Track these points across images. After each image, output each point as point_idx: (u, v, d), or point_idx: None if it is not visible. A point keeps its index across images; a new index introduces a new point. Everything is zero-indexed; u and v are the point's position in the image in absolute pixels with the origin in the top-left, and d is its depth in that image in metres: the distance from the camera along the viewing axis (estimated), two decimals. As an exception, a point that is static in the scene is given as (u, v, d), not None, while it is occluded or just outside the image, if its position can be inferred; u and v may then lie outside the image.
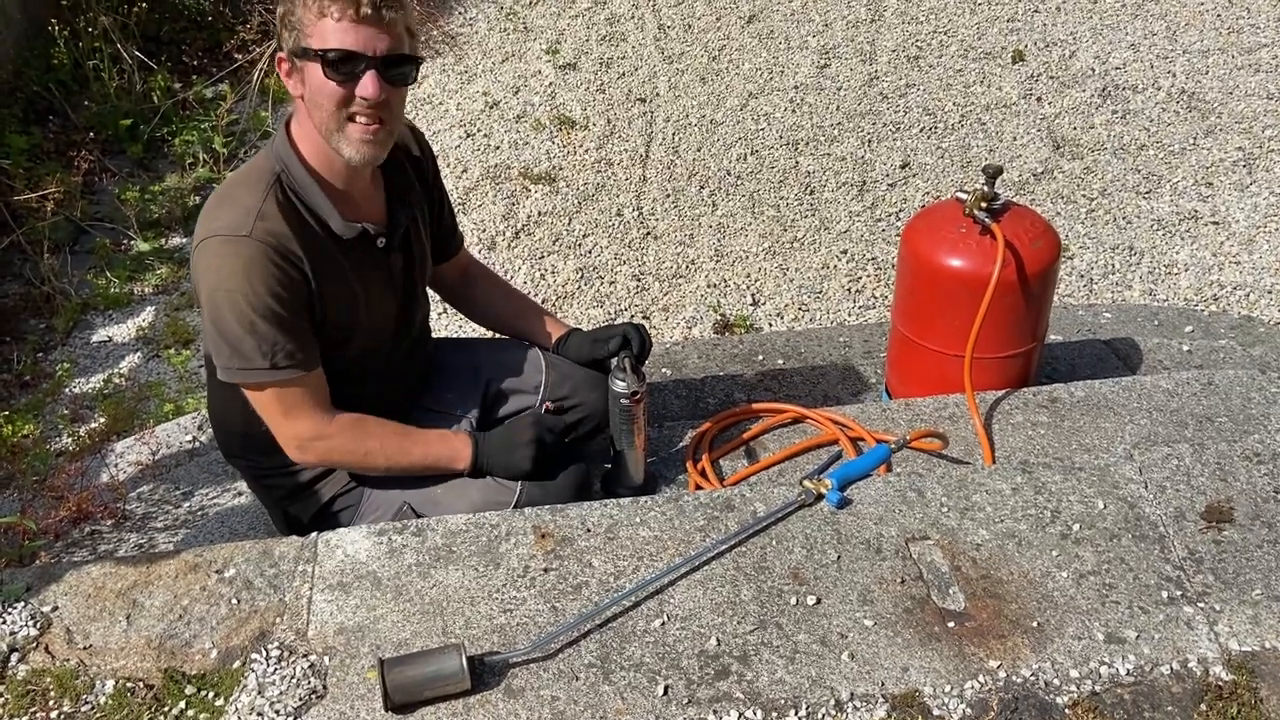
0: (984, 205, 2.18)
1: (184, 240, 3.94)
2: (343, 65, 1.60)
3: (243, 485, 2.38)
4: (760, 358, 2.84)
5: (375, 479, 1.87)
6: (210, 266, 1.63)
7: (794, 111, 4.51)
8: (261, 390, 1.70)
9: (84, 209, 3.96)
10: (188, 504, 2.35)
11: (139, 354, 3.41)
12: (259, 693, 1.49)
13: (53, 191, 3.71)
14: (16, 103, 4.29)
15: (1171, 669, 1.51)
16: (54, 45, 4.33)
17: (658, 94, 4.70)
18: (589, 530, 1.73)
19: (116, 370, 3.30)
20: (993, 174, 2.19)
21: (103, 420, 3.04)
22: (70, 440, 2.93)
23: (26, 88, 4.35)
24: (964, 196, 2.22)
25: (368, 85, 1.61)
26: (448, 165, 4.19)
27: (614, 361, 1.96)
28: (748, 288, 3.56)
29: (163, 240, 3.92)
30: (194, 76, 4.72)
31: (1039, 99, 4.53)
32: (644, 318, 3.43)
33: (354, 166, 1.69)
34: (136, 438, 2.74)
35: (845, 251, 3.70)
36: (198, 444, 2.64)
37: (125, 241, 3.88)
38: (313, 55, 1.61)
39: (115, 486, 2.33)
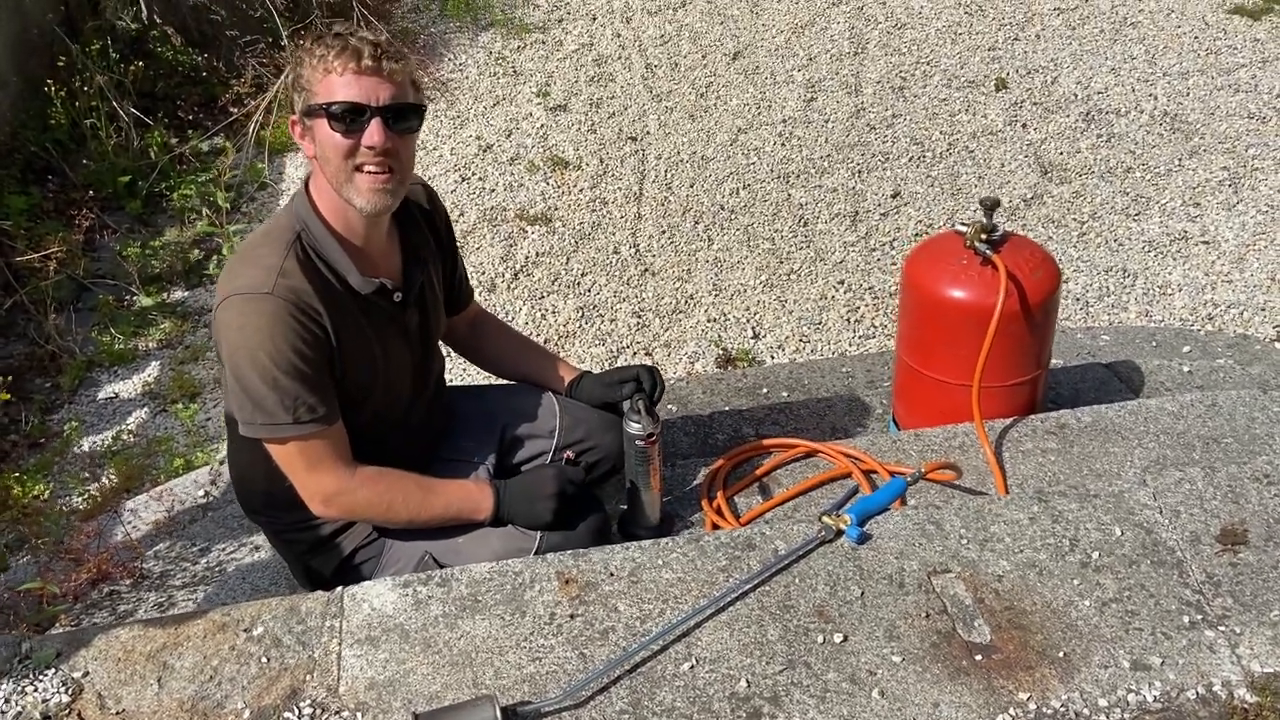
0: (984, 237, 2.22)
1: (186, 294, 3.96)
2: (347, 116, 1.65)
3: (259, 540, 2.38)
4: (765, 391, 2.86)
5: (396, 530, 1.88)
6: (233, 324, 1.65)
7: (783, 145, 4.57)
8: (285, 445, 1.71)
9: (85, 266, 3.97)
10: (205, 560, 2.35)
11: (146, 409, 3.41)
12: (294, 752, 1.49)
13: (55, 251, 3.73)
14: (14, 163, 4.32)
15: (1197, 693, 1.53)
16: (51, 105, 4.37)
17: (648, 132, 4.75)
18: (612, 574, 1.74)
19: (124, 426, 3.31)
20: (990, 206, 2.23)
21: (113, 477, 3.05)
22: (81, 500, 2.93)
23: (24, 148, 4.38)
24: (963, 229, 2.26)
25: (373, 134, 1.65)
26: (445, 210, 4.23)
27: (628, 404, 1.99)
28: (748, 321, 3.59)
29: (165, 295, 3.94)
30: (189, 131, 4.76)
31: (1024, 125, 4.60)
32: (646, 354, 3.46)
33: (369, 219, 1.72)
34: (149, 494, 2.74)
35: (842, 282, 3.74)
36: (210, 499, 2.65)
37: (127, 297, 3.90)
38: (319, 111, 1.66)
39: (133, 545, 2.34)
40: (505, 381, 2.20)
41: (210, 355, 3.66)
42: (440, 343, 2.11)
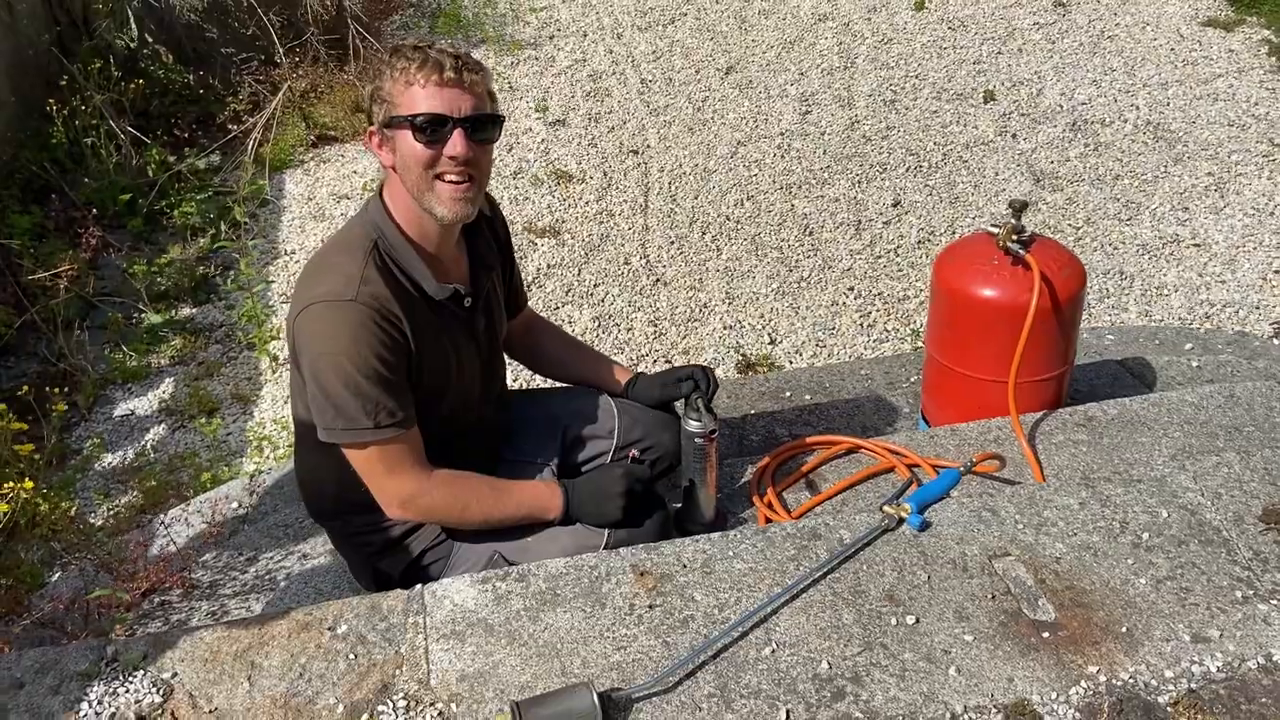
0: (1015, 238, 2.30)
1: (194, 311, 3.97)
2: (430, 128, 1.69)
3: (306, 546, 2.40)
4: (788, 394, 2.93)
5: (464, 532, 1.92)
6: (315, 332, 1.68)
7: (783, 157, 4.67)
8: (365, 450, 1.74)
9: (93, 285, 3.96)
10: (254, 569, 2.37)
11: (164, 425, 3.41)
12: (394, 743, 1.52)
13: (66, 269, 3.72)
14: (15, 183, 4.30)
15: (1258, 663, 1.61)
16: (51, 124, 4.36)
17: (648, 145, 4.83)
18: (685, 566, 1.79)
19: (144, 443, 3.31)
20: (1019, 208, 2.32)
21: (138, 494, 3.04)
22: (110, 515, 2.92)
23: (24, 168, 4.36)
24: (995, 230, 2.34)
25: (456, 144, 1.70)
26: (453, 224, 4.27)
27: (685, 402, 2.04)
28: (763, 328, 3.66)
29: (173, 312, 3.94)
30: (186, 149, 4.76)
31: (1014, 135, 4.73)
32: (666, 361, 3.52)
33: (446, 226, 1.77)
34: (182, 508, 2.75)
35: (852, 288, 3.82)
36: (248, 509, 2.66)
37: (136, 314, 3.90)
38: (402, 122, 1.70)
39: (183, 554, 2.35)
40: (563, 385, 2.24)
41: (225, 371, 3.67)
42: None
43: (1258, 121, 4.71)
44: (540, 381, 2.36)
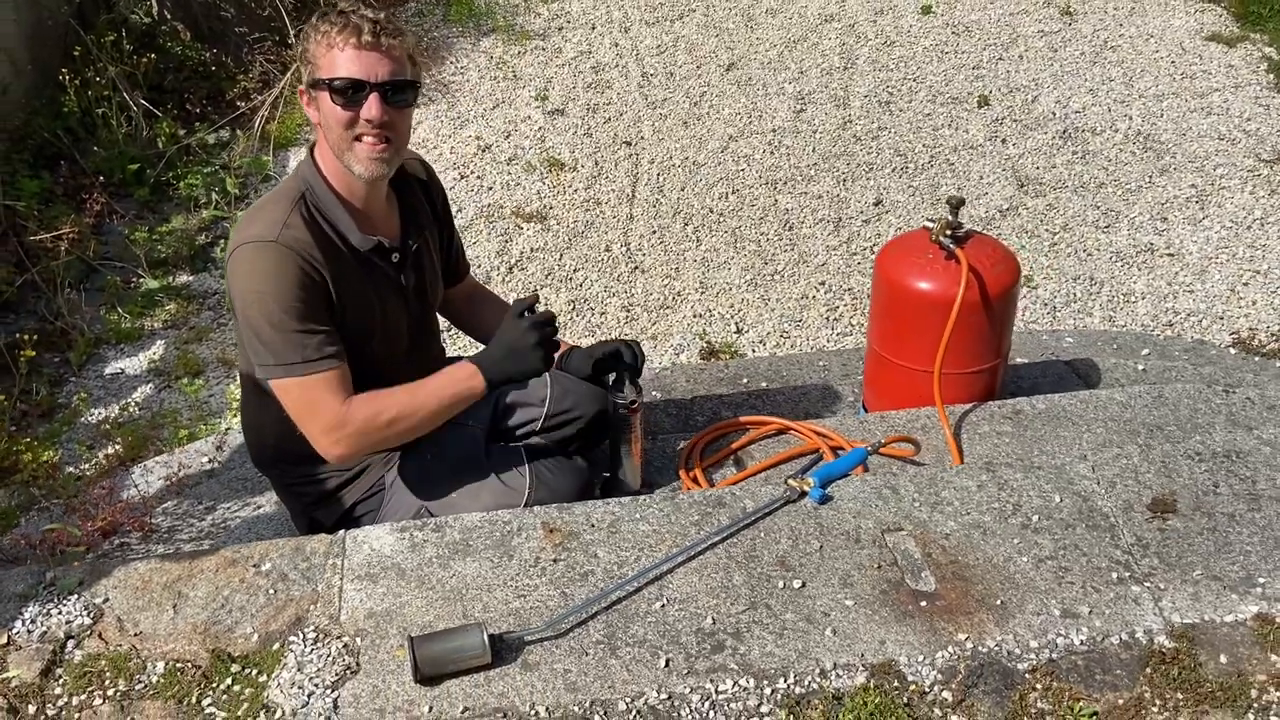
0: (948, 233, 2.38)
1: (191, 278, 4.11)
2: (348, 91, 1.79)
3: (261, 499, 2.53)
4: (745, 380, 3.02)
5: (395, 484, 2.03)
6: (241, 272, 1.80)
7: (772, 153, 4.75)
8: (293, 384, 1.83)
9: (95, 249, 4.12)
10: (211, 518, 2.50)
11: (151, 385, 3.56)
12: (298, 669, 1.64)
13: (67, 232, 3.87)
14: (27, 148, 4.47)
15: (1120, 639, 1.69)
16: (64, 94, 4.52)
17: (642, 137, 4.93)
18: (593, 525, 1.90)
19: (130, 400, 3.45)
20: (955, 204, 2.40)
21: (119, 447, 3.18)
22: (90, 466, 3.06)
23: (37, 134, 4.53)
24: (930, 225, 2.43)
25: (371, 108, 1.80)
26: (444, 205, 4.39)
27: (613, 375, 2.14)
28: (731, 317, 3.76)
29: (171, 278, 4.08)
30: (197, 124, 4.91)
31: (1003, 140, 4.79)
32: (634, 346, 3.61)
33: (366, 182, 1.87)
34: (156, 460, 2.89)
35: (823, 283, 3.91)
36: (215, 464, 2.79)
37: (134, 279, 4.04)
38: (323, 85, 1.81)
39: (145, 501, 2.48)
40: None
41: (214, 336, 3.81)
42: (438, 314, 2.27)
43: (1247, 136, 4.74)
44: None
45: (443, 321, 2.34)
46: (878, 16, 5.99)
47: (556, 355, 2.26)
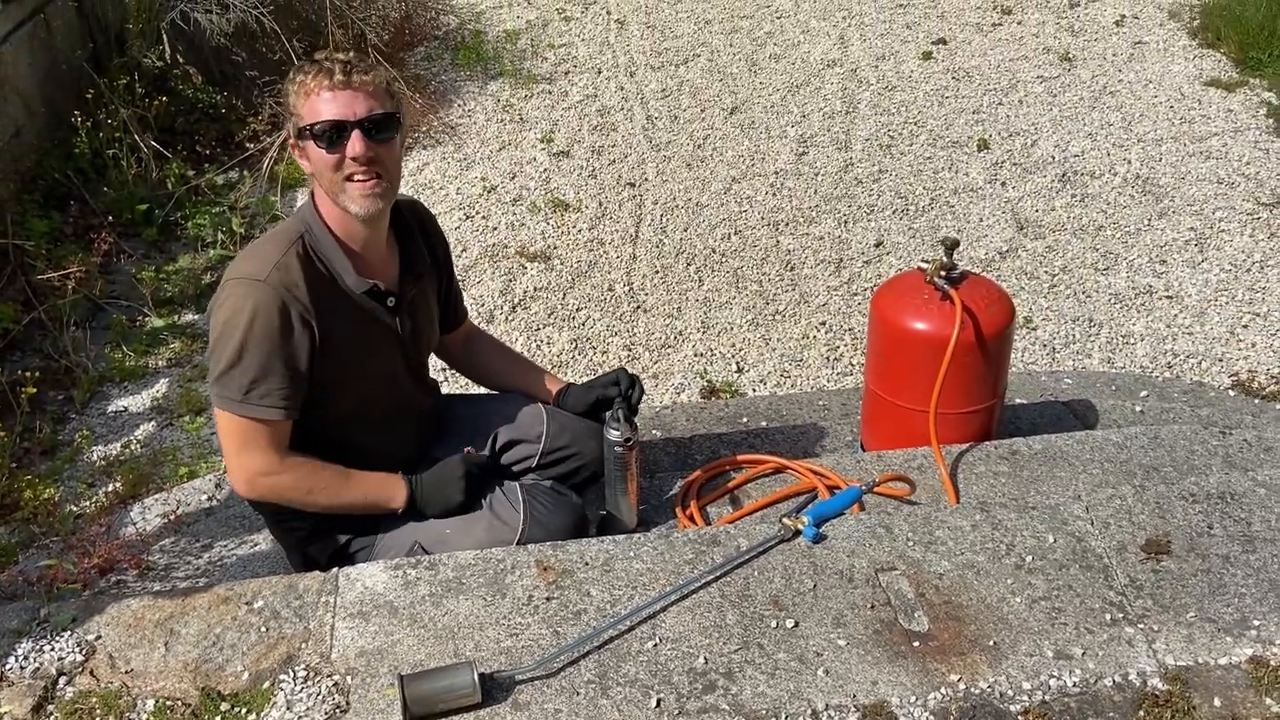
0: (943, 274, 2.40)
1: (196, 317, 4.14)
2: (330, 134, 1.82)
3: (258, 537, 2.53)
4: (744, 419, 3.03)
5: (389, 521, 2.04)
6: (223, 304, 1.84)
7: (774, 195, 4.79)
8: (228, 418, 1.87)
9: (102, 288, 4.16)
10: (207, 555, 2.50)
11: (153, 423, 3.57)
12: (288, 708, 1.63)
13: (74, 271, 3.92)
14: (38, 189, 4.53)
15: (1114, 681, 1.68)
16: (76, 136, 4.59)
17: (646, 179, 4.98)
18: (587, 563, 1.90)
19: (133, 438, 3.47)
20: (950, 246, 2.42)
21: (120, 484, 3.20)
22: (90, 503, 3.07)
23: (48, 175, 4.60)
24: (925, 266, 2.45)
25: (355, 145, 1.83)
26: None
27: (609, 413, 2.15)
28: (732, 356, 3.77)
29: (176, 317, 4.12)
30: (207, 165, 4.99)
31: (1003, 184, 4.82)
32: (634, 386, 3.62)
33: (368, 224, 1.91)
34: (155, 498, 2.90)
35: (824, 323, 3.92)
36: (214, 502, 2.80)
37: (140, 318, 4.08)
38: (307, 133, 1.84)
39: (142, 538, 2.48)
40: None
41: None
42: (436, 357, 2.30)
43: (1246, 180, 4.77)
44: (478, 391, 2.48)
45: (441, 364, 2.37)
46: (879, 62, 6.07)
47: (555, 390, 2.29)
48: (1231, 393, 3.37)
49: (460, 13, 6.78)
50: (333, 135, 1.82)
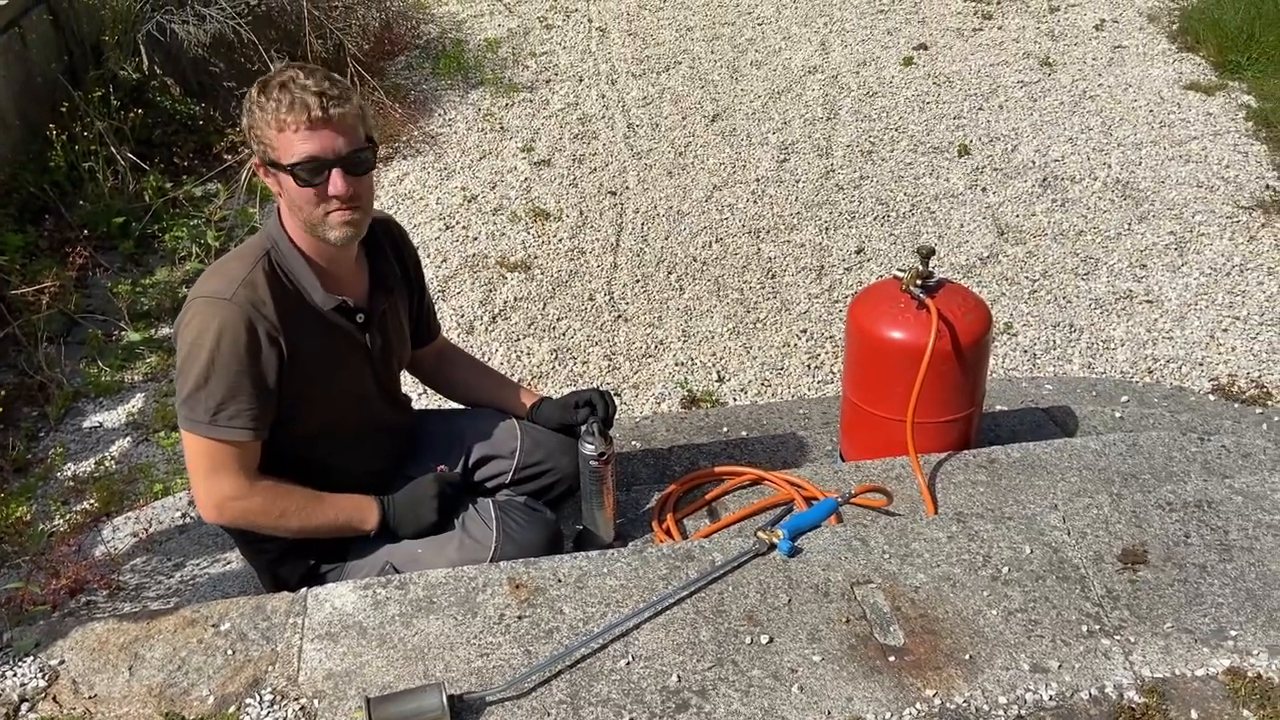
0: (919, 282, 2.39)
1: (173, 331, 4.10)
2: (310, 172, 1.77)
3: (230, 555, 2.50)
4: (725, 429, 3.01)
5: (360, 541, 2.01)
6: (189, 323, 1.81)
7: (755, 202, 4.78)
8: (195, 441, 1.84)
9: (77, 302, 4.12)
10: (179, 574, 2.47)
11: (129, 438, 3.53)
12: (254, 733, 1.61)
13: (49, 285, 3.88)
14: (12, 203, 4.49)
15: (1090, 694, 1.66)
16: (51, 149, 4.55)
17: (627, 187, 4.96)
18: (560, 580, 1.87)
19: (107, 454, 3.43)
20: (925, 254, 2.41)
21: (94, 501, 3.16)
22: (63, 521, 3.04)
23: (23, 188, 4.55)
24: (901, 274, 2.43)
25: (336, 184, 1.78)
26: (428, 255, 4.40)
27: (583, 426, 2.13)
28: (713, 365, 3.75)
29: (153, 330, 4.08)
30: (184, 177, 4.95)
31: (984, 189, 4.83)
32: (615, 395, 3.59)
33: (340, 246, 1.88)
34: (127, 516, 2.86)
35: (805, 331, 3.91)
36: (188, 519, 2.76)
37: (116, 332, 4.04)
38: (283, 168, 1.78)
39: (112, 558, 2.45)
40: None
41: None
42: (408, 373, 2.27)
43: (1226, 184, 4.78)
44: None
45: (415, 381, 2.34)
46: (860, 68, 6.07)
47: (528, 405, 2.26)
48: (1211, 397, 3.37)
49: (441, 21, 6.76)
50: (313, 174, 1.77)
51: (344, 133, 1.78)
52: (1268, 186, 4.76)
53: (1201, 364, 3.64)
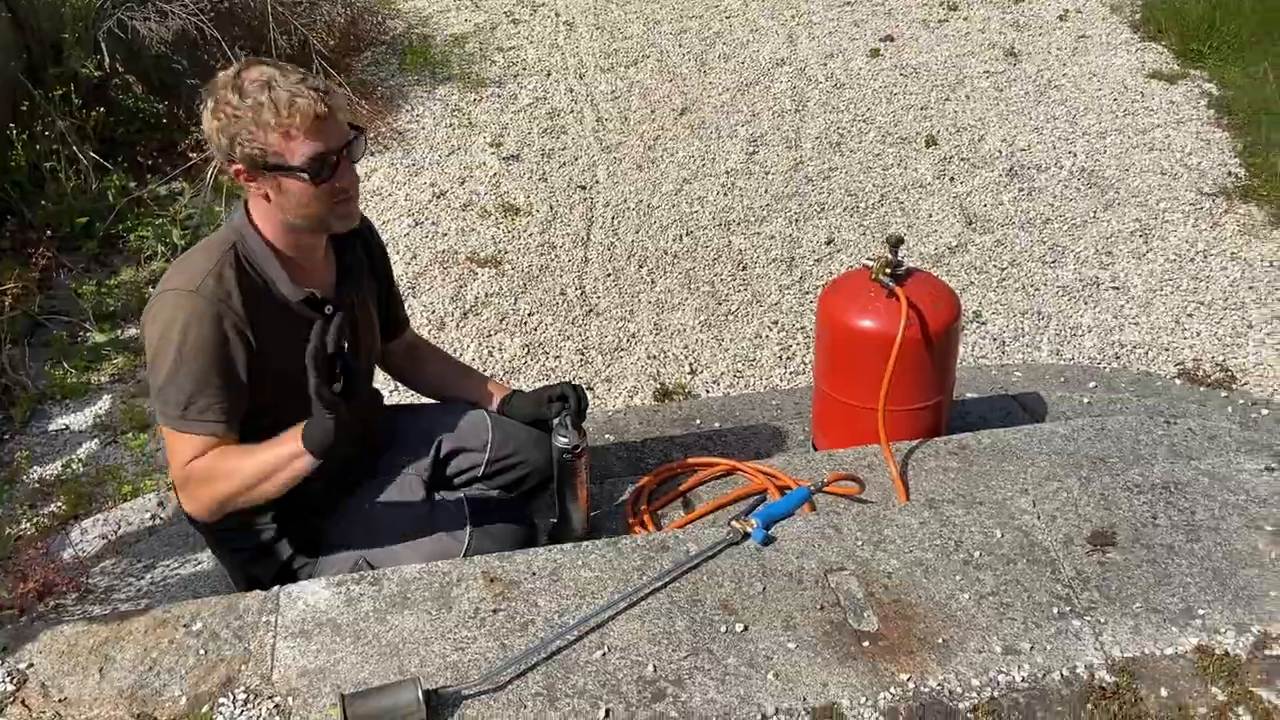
0: (888, 271, 2.41)
1: (139, 331, 4.06)
2: (322, 169, 1.77)
3: (202, 555, 2.47)
4: (698, 421, 3.02)
5: (333, 537, 2.00)
6: (156, 317, 1.80)
7: (725, 195, 4.79)
8: (172, 434, 1.84)
9: (41, 303, 4.06)
10: (150, 576, 2.44)
11: (96, 440, 3.49)
12: (227, 732, 1.59)
13: (12, 287, 3.82)
14: (-28, 204, 4.42)
15: (1061, 675, 1.68)
16: (12, 148, 4.48)
17: (597, 181, 4.95)
18: (534, 573, 1.87)
19: (74, 456, 3.38)
20: (894, 243, 2.42)
21: (62, 504, 3.12)
22: (30, 524, 2.99)
23: (-17, 190, 4.48)
24: (870, 263, 2.45)
25: (344, 174, 1.81)
26: (397, 252, 4.37)
27: (556, 420, 2.13)
28: (685, 358, 3.76)
29: (119, 332, 4.03)
30: (148, 175, 4.88)
31: (952, 179, 4.86)
32: (588, 389, 3.60)
33: (319, 235, 1.89)
34: (95, 518, 2.83)
35: (776, 322, 3.93)
36: (158, 520, 2.73)
37: (81, 334, 3.99)
38: (294, 172, 1.76)
39: (80, 561, 2.42)
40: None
41: (162, 389, 3.75)
42: (379, 368, 2.26)
43: (1189, 171, 4.84)
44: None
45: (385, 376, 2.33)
46: (828, 60, 6.09)
47: (499, 398, 2.25)
48: (1177, 382, 3.42)
49: (407, 16, 6.70)
50: (324, 170, 1.77)
51: (341, 124, 1.79)
52: (1230, 173, 4.83)
53: (1167, 349, 3.68)
